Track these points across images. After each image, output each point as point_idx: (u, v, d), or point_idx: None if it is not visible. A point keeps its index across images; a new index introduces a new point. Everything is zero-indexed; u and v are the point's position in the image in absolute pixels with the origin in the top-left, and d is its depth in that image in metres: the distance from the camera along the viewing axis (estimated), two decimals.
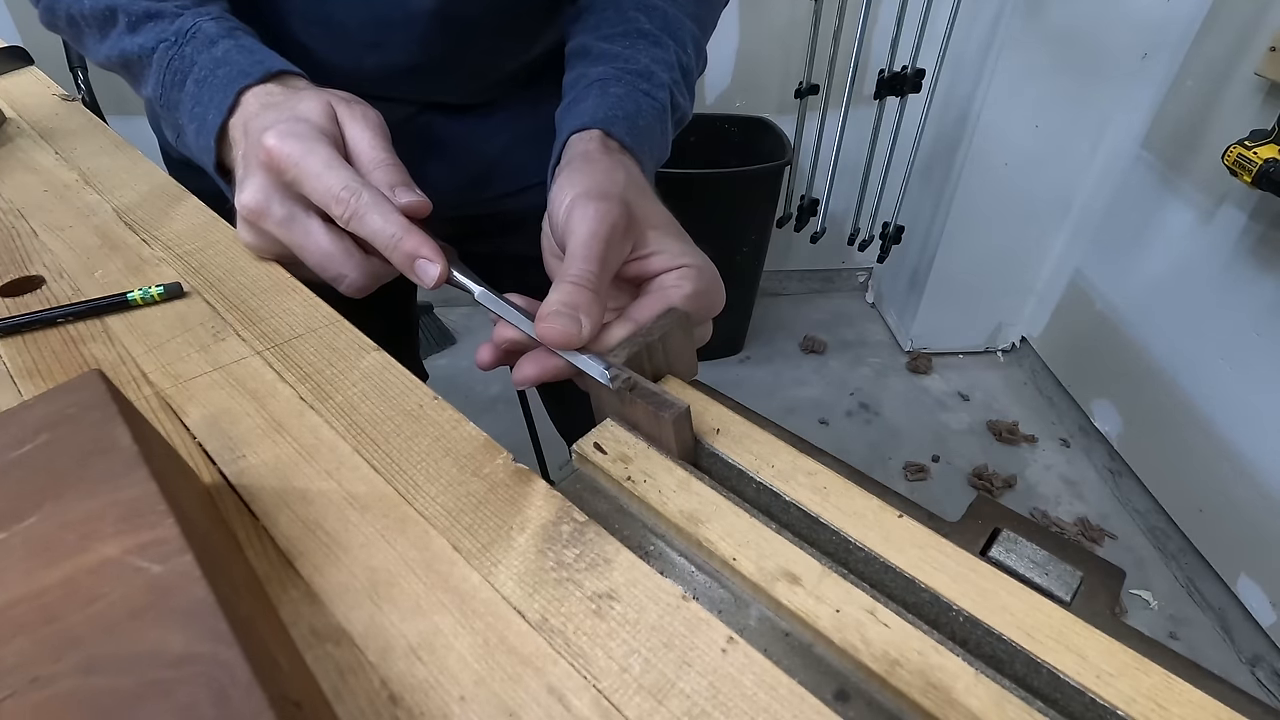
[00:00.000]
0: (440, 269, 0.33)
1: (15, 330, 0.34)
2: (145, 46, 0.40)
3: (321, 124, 0.36)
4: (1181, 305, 1.36)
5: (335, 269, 0.36)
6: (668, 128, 0.45)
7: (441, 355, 1.89)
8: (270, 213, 0.35)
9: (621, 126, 0.40)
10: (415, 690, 0.20)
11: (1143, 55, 1.41)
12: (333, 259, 0.35)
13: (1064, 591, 0.23)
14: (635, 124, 0.41)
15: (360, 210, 0.33)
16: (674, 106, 0.46)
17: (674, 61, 0.46)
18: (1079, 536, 1.47)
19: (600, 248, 0.31)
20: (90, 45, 0.43)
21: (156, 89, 0.41)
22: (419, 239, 0.33)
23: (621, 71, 0.44)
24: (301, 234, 0.35)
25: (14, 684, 0.15)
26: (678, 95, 0.46)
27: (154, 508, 0.19)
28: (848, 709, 0.21)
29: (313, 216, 0.35)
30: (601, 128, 0.40)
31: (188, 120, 0.40)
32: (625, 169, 0.38)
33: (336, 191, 0.33)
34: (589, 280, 0.31)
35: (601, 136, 0.40)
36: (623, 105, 0.42)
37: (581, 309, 0.30)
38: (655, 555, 0.26)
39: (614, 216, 0.32)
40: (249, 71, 0.38)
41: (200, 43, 0.39)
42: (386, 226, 0.33)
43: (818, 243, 1.73)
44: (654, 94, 0.44)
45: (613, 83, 0.43)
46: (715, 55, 1.69)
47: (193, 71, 0.39)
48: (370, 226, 0.33)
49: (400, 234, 0.33)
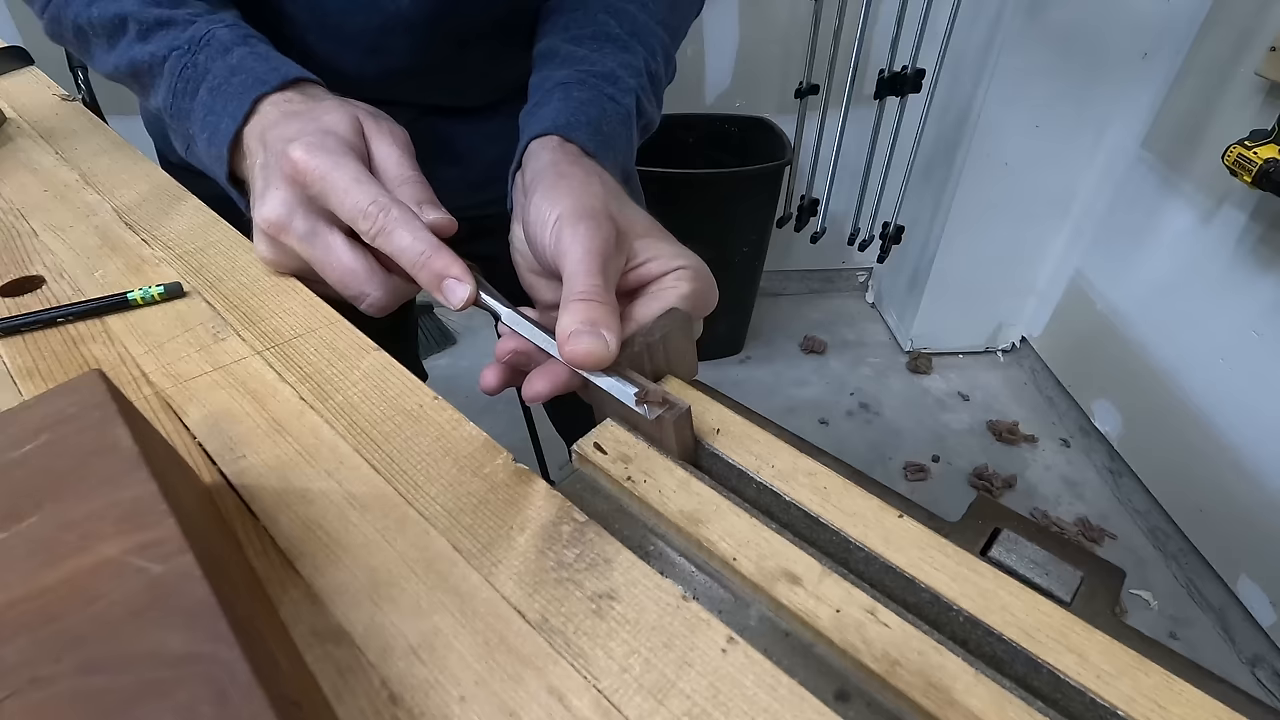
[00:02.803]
0: (470, 290, 0.32)
1: (15, 330, 0.34)
2: (156, 55, 0.39)
3: (349, 138, 0.35)
4: (1181, 305, 1.36)
5: (358, 287, 0.35)
6: (633, 133, 0.44)
7: (441, 355, 1.89)
8: (292, 227, 0.34)
9: (583, 133, 0.39)
10: (415, 690, 0.20)
11: (1143, 55, 1.41)
12: (355, 276, 0.34)
13: (1064, 591, 0.23)
14: (599, 130, 0.40)
15: (389, 226, 0.32)
16: (639, 112, 0.45)
17: (641, 68, 0.45)
18: (1079, 536, 1.47)
19: (599, 263, 0.31)
20: (98, 55, 0.42)
21: (167, 98, 0.40)
22: (448, 258, 0.32)
23: (586, 75, 0.43)
24: (324, 250, 0.35)
25: (14, 684, 0.15)
26: (644, 100, 0.45)
27: (154, 508, 0.19)
28: (848, 709, 0.21)
29: (335, 232, 0.35)
30: (561, 134, 0.39)
31: (199, 129, 0.39)
32: (599, 178, 0.37)
33: (365, 206, 0.32)
34: (599, 294, 0.30)
35: (560, 142, 0.39)
36: (586, 111, 0.41)
37: (602, 325, 0.29)
38: (655, 555, 0.26)
39: (605, 232, 0.32)
40: (265, 79, 0.38)
41: (214, 50, 0.39)
42: (415, 244, 0.32)
43: (818, 243, 1.73)
44: (619, 99, 0.43)
45: (575, 87, 0.42)
46: (715, 55, 1.70)
47: (206, 79, 0.38)
48: (398, 243, 0.32)
49: (429, 252, 0.32)
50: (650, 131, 0.48)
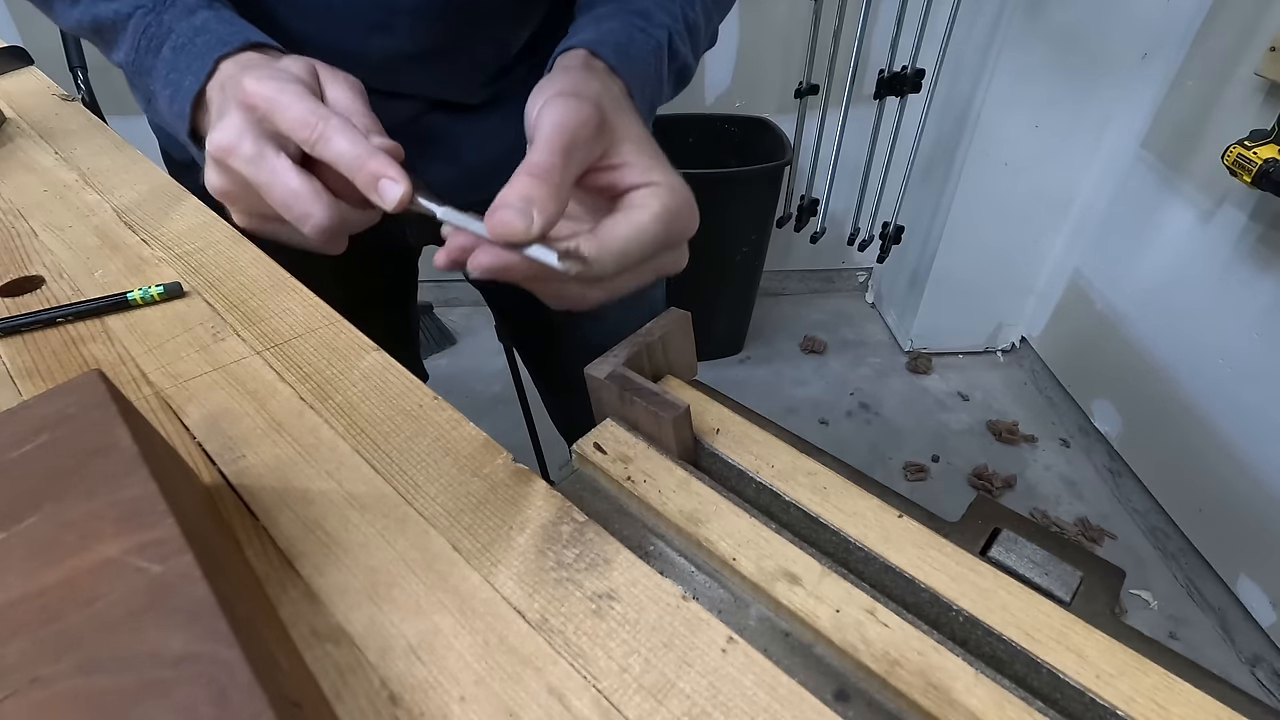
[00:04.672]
0: (404, 189, 0.32)
1: (15, 330, 0.34)
2: (120, 12, 0.40)
3: (303, 76, 0.36)
4: (1181, 305, 1.36)
5: (301, 208, 0.34)
6: (663, 68, 0.45)
7: (441, 355, 1.89)
8: (240, 150, 0.35)
9: (608, 49, 0.40)
10: (415, 690, 0.20)
11: (1143, 55, 1.41)
12: (299, 198, 0.34)
13: (1064, 591, 0.23)
14: (625, 51, 0.41)
15: (327, 134, 0.32)
16: (673, 53, 0.45)
17: (679, 13, 0.46)
18: (1079, 536, 1.47)
19: (564, 140, 0.31)
20: (60, 10, 0.43)
21: (130, 54, 0.41)
22: (384, 161, 0.32)
23: (618, 10, 0.43)
24: (269, 173, 0.35)
25: (14, 684, 0.15)
26: (678, 41, 0.45)
27: (154, 508, 0.19)
28: (848, 709, 0.21)
29: (281, 156, 0.35)
30: (587, 48, 0.39)
31: (161, 86, 0.40)
32: (604, 82, 0.37)
33: (305, 116, 0.33)
34: (546, 172, 0.29)
35: (586, 55, 0.39)
36: (614, 34, 0.41)
37: (536, 203, 0.29)
38: (655, 555, 0.26)
39: (584, 113, 0.32)
40: (228, 40, 0.38)
41: (179, 10, 0.40)
42: (352, 148, 0.32)
43: (818, 243, 1.73)
44: (650, 30, 0.43)
45: (607, 18, 0.43)
46: (715, 55, 1.69)
47: (170, 38, 0.39)
48: (335, 149, 0.32)
49: (365, 155, 0.32)
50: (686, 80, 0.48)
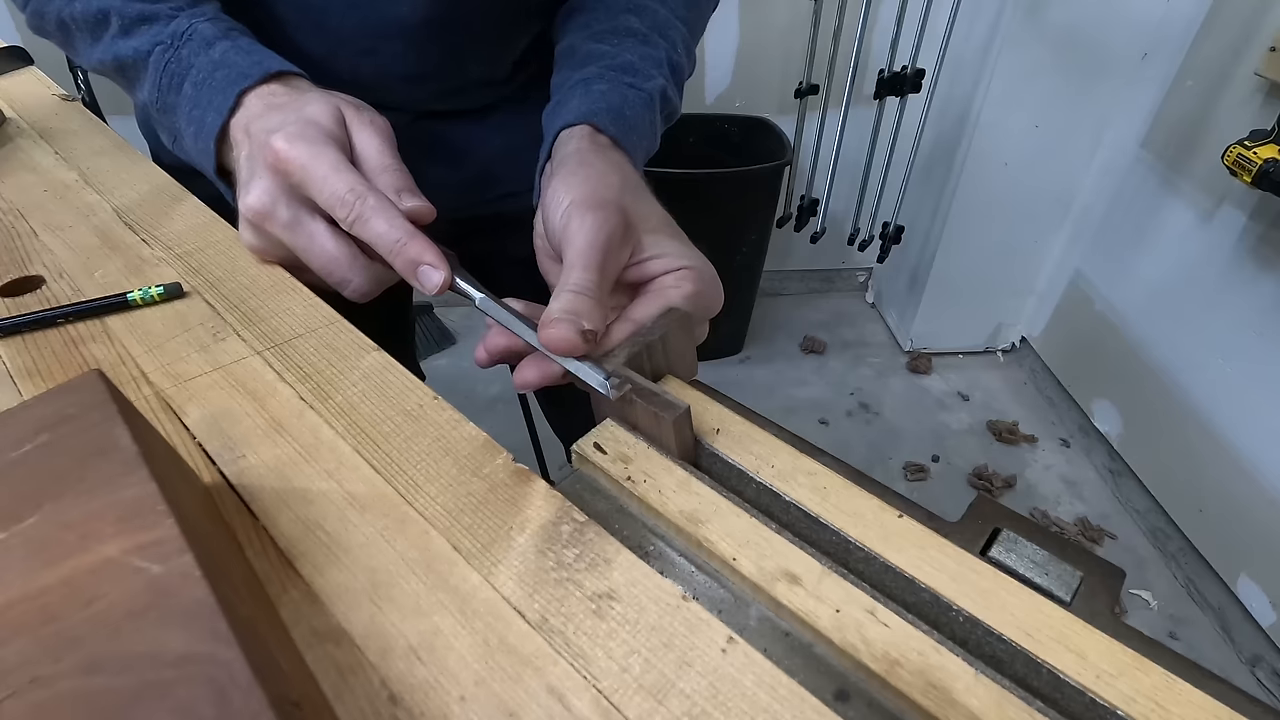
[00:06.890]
0: (444, 276, 0.33)
1: (15, 330, 0.34)
2: (140, 50, 0.40)
3: (330, 128, 0.35)
4: (1181, 305, 1.36)
5: (340, 274, 0.35)
6: (656, 119, 0.45)
7: (441, 355, 1.89)
8: (276, 215, 0.35)
9: (606, 119, 0.40)
10: (415, 690, 0.20)
11: (1143, 55, 1.41)
12: (338, 264, 0.35)
13: (1064, 591, 0.23)
14: (622, 115, 0.41)
15: (365, 214, 0.33)
16: (664, 99, 0.46)
17: (663, 59, 0.46)
18: (1079, 536, 1.47)
19: (599, 256, 0.31)
20: (82, 50, 0.43)
21: (152, 93, 0.40)
22: (422, 244, 0.33)
23: (605, 69, 0.43)
24: (306, 238, 0.35)
25: (14, 684, 0.15)
26: (669, 89, 0.46)
27: (154, 508, 0.19)
28: (848, 709, 0.21)
29: (318, 220, 0.35)
30: (588, 122, 0.40)
31: (185, 124, 0.39)
32: (620, 170, 0.38)
33: (342, 194, 0.33)
34: (589, 289, 0.31)
35: (590, 132, 0.40)
36: (607, 99, 0.41)
37: (583, 316, 0.30)
38: (655, 555, 0.26)
39: (612, 224, 0.32)
40: (248, 73, 0.38)
41: (197, 45, 0.39)
42: (391, 231, 0.33)
43: (818, 243, 1.73)
44: (639, 85, 0.43)
45: (595, 81, 0.43)
46: (715, 55, 1.70)
47: (190, 74, 0.39)
48: (374, 231, 0.33)
49: (404, 239, 0.33)
50: (674, 119, 0.49)
